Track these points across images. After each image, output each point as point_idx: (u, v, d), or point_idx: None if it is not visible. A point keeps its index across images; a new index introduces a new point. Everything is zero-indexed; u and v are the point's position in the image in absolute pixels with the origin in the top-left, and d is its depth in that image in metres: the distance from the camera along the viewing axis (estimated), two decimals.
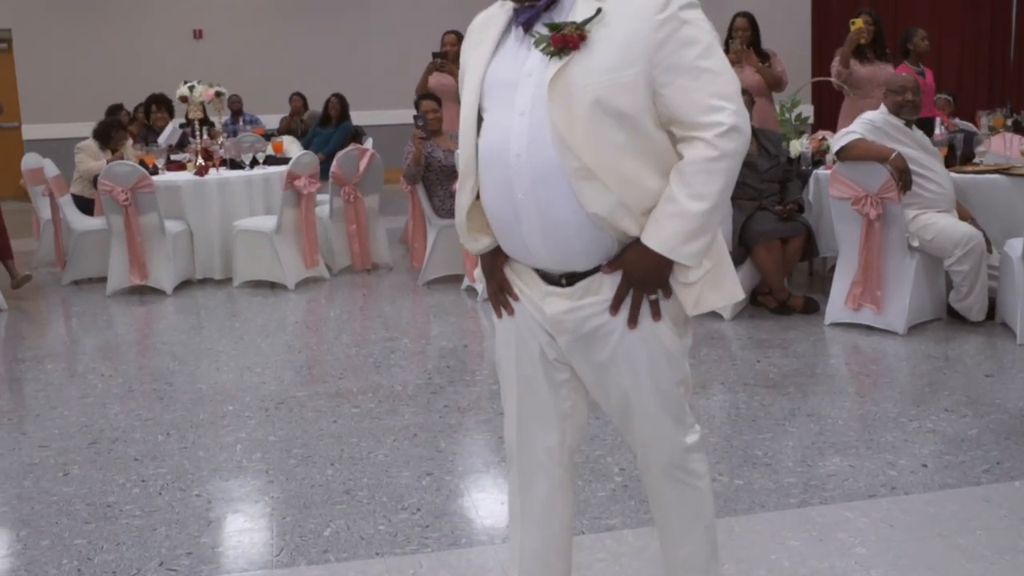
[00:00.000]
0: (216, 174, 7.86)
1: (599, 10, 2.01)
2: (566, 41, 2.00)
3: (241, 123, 12.36)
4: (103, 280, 7.52)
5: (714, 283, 2.14)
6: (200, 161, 7.88)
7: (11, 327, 6.66)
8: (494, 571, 3.04)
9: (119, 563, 3.16)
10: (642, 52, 1.98)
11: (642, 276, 2.08)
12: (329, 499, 3.61)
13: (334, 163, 7.77)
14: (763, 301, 6.11)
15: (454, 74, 7.97)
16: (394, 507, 3.51)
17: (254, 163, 8.33)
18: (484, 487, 3.68)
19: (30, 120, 13.41)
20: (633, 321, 2.12)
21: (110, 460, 4.06)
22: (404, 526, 3.36)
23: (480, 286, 6.60)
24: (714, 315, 5.97)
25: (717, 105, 1.98)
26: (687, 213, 2.01)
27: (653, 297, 2.11)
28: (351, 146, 8.31)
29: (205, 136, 8.30)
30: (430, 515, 3.43)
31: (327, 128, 11.12)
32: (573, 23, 2.01)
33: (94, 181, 7.68)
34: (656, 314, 2.12)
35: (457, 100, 7.95)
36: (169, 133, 9.60)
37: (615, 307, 2.11)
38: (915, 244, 5.40)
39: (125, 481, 3.83)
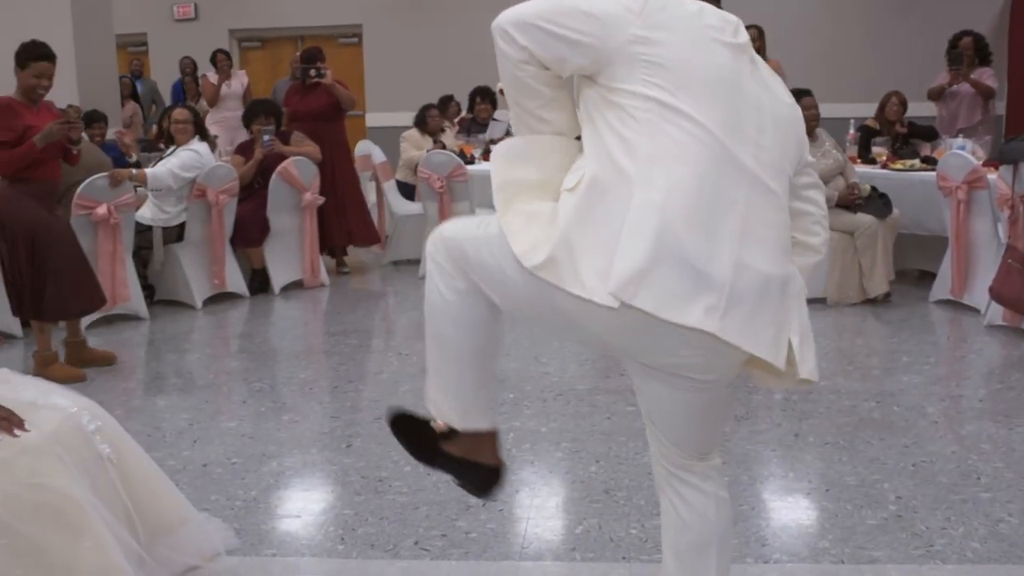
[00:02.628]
0: None
1: None
2: None
3: None
4: (419, 262, 7.90)
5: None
6: None
7: (330, 302, 7.16)
8: None
9: (378, 536, 3.32)
10: None
11: None
12: (588, 496, 3.60)
13: None
14: None
15: None
16: (650, 512, 3.45)
17: None
18: (746, 499, 3.54)
19: (374, 109, 14.33)
20: None
21: (390, 436, 4.21)
22: (656, 533, 3.28)
23: None
24: None
25: None
26: None
27: None
28: None
29: None
30: None
31: None
32: None
33: (415, 168, 8.10)
34: None
35: None
36: (493, 125, 9.94)
37: None
38: None
39: (399, 458, 3.99)
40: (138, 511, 2.70)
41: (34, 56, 4.97)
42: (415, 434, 2.43)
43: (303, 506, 3.61)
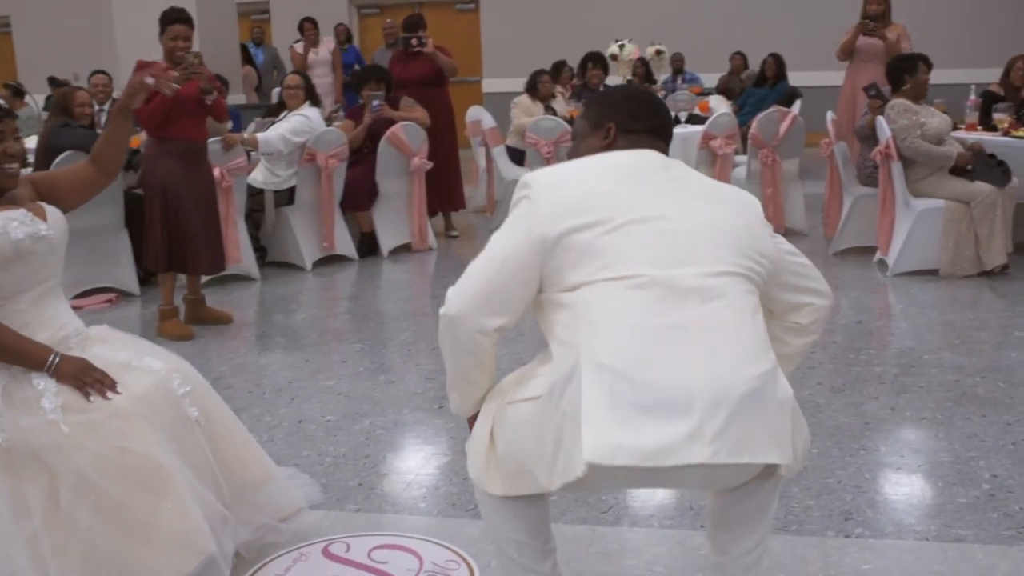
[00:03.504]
0: None
1: None
2: None
3: (680, 81, 12.45)
4: None
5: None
6: None
7: (436, 266, 7.26)
8: (815, 563, 2.88)
9: (460, 496, 3.37)
10: None
11: None
12: None
13: (753, 125, 7.62)
14: None
15: (884, 37, 7.47)
16: None
17: (676, 121, 8.37)
18: (833, 472, 3.48)
19: (490, 75, 14.39)
20: None
21: None
22: None
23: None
24: None
25: None
26: None
27: None
28: (772, 108, 8.07)
29: None
30: None
31: (762, 88, 10.90)
32: None
33: (525, 134, 8.11)
34: None
35: (882, 63, 7.40)
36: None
37: None
38: None
39: None
40: (223, 473, 2.78)
41: (170, 20, 5.24)
42: None
43: (390, 464, 3.69)
